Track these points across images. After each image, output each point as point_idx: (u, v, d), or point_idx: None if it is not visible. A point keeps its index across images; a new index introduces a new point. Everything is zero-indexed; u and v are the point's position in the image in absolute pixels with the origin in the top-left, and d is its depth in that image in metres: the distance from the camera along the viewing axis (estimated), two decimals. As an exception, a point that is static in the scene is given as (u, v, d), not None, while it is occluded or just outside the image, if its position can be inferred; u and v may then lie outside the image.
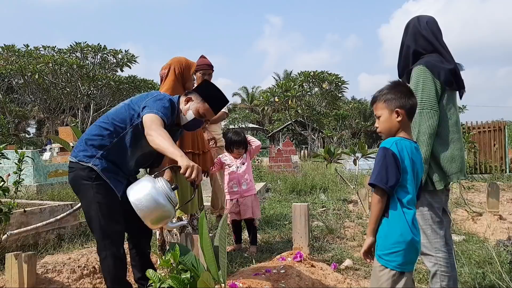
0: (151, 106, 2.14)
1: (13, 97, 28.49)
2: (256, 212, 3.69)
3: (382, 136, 1.81)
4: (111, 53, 24.79)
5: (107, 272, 2.14)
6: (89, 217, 2.16)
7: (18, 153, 2.90)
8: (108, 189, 2.15)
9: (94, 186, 2.12)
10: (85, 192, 2.15)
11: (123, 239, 2.23)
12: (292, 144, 12.94)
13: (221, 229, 1.82)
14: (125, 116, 2.21)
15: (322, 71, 24.81)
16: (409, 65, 2.18)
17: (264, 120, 43.80)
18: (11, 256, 2.34)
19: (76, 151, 2.20)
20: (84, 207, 2.20)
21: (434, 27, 2.18)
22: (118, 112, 2.24)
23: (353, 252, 3.58)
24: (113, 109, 2.30)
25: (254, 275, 2.59)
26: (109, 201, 2.14)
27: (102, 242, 2.13)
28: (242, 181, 3.70)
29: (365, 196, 5.52)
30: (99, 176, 2.13)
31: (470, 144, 10.15)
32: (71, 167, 2.19)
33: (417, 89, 2.04)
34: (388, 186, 1.63)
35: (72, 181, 2.20)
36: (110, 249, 2.12)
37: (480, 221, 4.46)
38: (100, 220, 2.11)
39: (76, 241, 3.91)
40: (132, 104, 2.25)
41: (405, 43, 2.21)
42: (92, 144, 2.17)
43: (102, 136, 2.17)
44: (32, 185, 7.25)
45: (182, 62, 3.15)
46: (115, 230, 2.17)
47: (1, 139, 18.21)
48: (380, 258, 1.69)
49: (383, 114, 1.77)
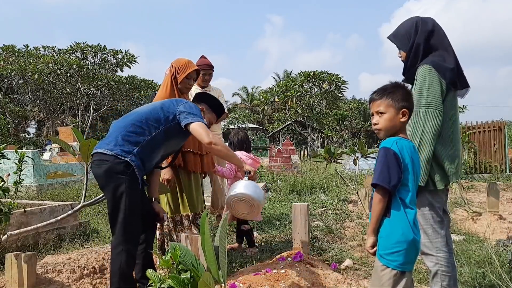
0: (193, 113, 2.38)
1: (13, 97, 28.48)
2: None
3: (380, 133, 1.79)
4: (111, 53, 24.79)
5: (117, 267, 2.17)
6: (116, 210, 2.20)
7: (18, 153, 2.90)
8: (137, 186, 2.25)
9: (127, 181, 2.19)
10: (117, 185, 2.20)
11: (139, 239, 2.32)
12: (292, 144, 12.95)
13: (221, 229, 1.83)
14: (160, 117, 2.36)
15: (322, 71, 24.81)
16: (417, 63, 2.16)
17: (264, 120, 43.78)
18: (11, 256, 2.34)
19: (111, 145, 2.24)
20: (111, 199, 2.22)
21: (439, 26, 2.19)
22: (153, 113, 2.38)
23: (353, 252, 3.58)
24: (145, 110, 2.42)
25: (254, 275, 2.59)
26: (136, 197, 2.24)
27: (122, 236, 2.19)
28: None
29: (365, 196, 5.52)
30: (134, 172, 2.21)
31: (470, 144, 10.16)
32: (104, 160, 2.22)
33: (422, 88, 2.03)
34: (391, 185, 1.64)
35: (104, 173, 2.22)
36: (127, 245, 2.18)
37: (480, 221, 4.46)
38: (126, 215, 2.19)
39: (76, 241, 3.91)
40: (164, 107, 2.42)
41: (416, 41, 2.15)
42: (128, 140, 2.26)
43: (137, 134, 2.29)
44: (32, 185, 7.25)
45: (179, 63, 3.13)
46: (136, 227, 2.26)
47: (1, 139, 18.24)
48: (382, 258, 1.69)
49: (388, 112, 1.76)
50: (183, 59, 3.14)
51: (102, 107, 25.70)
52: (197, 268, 1.75)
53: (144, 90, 25.65)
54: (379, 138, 1.86)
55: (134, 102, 26.56)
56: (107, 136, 2.35)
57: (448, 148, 2.08)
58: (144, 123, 2.32)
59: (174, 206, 3.14)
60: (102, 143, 2.30)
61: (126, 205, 2.18)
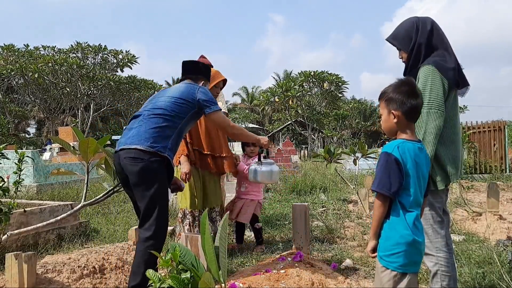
0: (212, 101, 2.55)
1: (13, 97, 28.46)
2: (242, 216, 3.65)
3: (386, 134, 1.82)
4: (112, 54, 24.80)
5: (144, 259, 2.19)
6: (152, 207, 2.24)
7: (18, 153, 2.90)
8: (168, 180, 2.38)
9: (162, 179, 2.30)
10: (161, 181, 2.28)
11: (166, 233, 2.39)
12: (292, 144, 12.93)
13: (222, 229, 1.82)
14: (183, 108, 2.46)
15: (323, 71, 24.81)
16: (419, 63, 2.15)
17: (264, 120, 43.76)
18: (11, 256, 2.34)
19: (149, 142, 2.27)
20: (147, 196, 2.24)
21: (438, 25, 2.18)
22: (178, 105, 2.45)
23: (353, 252, 3.58)
24: (167, 102, 2.45)
25: (254, 275, 2.59)
26: (167, 192, 2.36)
27: (160, 231, 2.25)
28: (242, 183, 3.78)
29: (365, 196, 5.52)
30: (168, 165, 2.32)
31: (470, 144, 10.16)
32: (141, 158, 2.23)
33: (425, 88, 2.02)
34: (392, 192, 1.64)
35: (140, 170, 2.23)
36: (157, 240, 2.24)
37: (480, 221, 4.46)
38: (166, 210, 2.31)
39: (76, 241, 3.91)
40: (184, 97, 2.50)
41: (417, 41, 2.14)
42: (160, 135, 2.32)
43: (168, 128, 2.37)
44: (32, 185, 7.25)
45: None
46: (166, 221, 2.35)
47: (1, 139, 18.23)
48: (382, 259, 1.70)
49: (383, 114, 1.79)
50: (212, 69, 3.39)
51: (102, 107, 25.70)
52: (197, 268, 1.74)
53: (144, 90, 25.66)
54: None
55: (134, 102, 26.58)
56: (133, 130, 2.35)
57: (449, 148, 2.07)
58: (170, 116, 2.40)
59: (191, 201, 3.32)
60: (134, 139, 2.29)
61: (167, 200, 2.29)
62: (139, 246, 2.26)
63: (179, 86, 2.61)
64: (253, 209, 3.70)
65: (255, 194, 3.75)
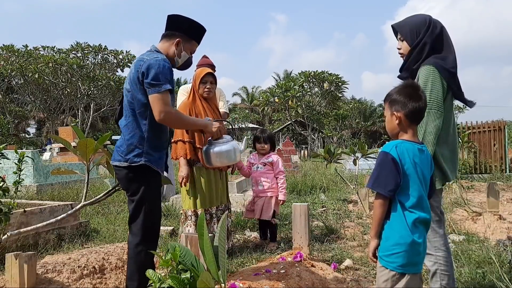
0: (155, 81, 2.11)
1: (13, 97, 28.47)
2: (265, 214, 3.77)
3: (389, 135, 1.83)
4: (112, 54, 24.80)
5: (137, 267, 2.18)
6: (146, 209, 2.21)
7: (18, 153, 2.90)
8: (157, 183, 2.29)
9: (152, 182, 2.24)
10: (146, 186, 2.22)
11: (158, 237, 2.37)
12: (292, 144, 12.94)
13: (220, 229, 1.82)
14: (140, 99, 2.18)
15: (323, 71, 24.82)
16: (419, 62, 2.14)
17: (264, 120, 43.73)
18: (11, 256, 2.34)
19: (123, 155, 2.21)
20: (140, 199, 2.22)
21: (446, 30, 2.18)
22: (131, 101, 2.22)
23: (353, 252, 3.58)
24: (126, 101, 2.26)
25: (254, 275, 2.59)
26: (156, 196, 2.30)
27: (147, 235, 2.22)
28: (259, 181, 3.87)
29: (365, 196, 5.52)
30: (150, 169, 2.22)
31: (470, 144, 10.16)
32: (119, 171, 2.25)
33: (425, 89, 2.02)
34: (387, 190, 1.64)
35: (123, 177, 2.25)
36: (147, 244, 2.21)
37: (480, 221, 4.46)
38: (156, 214, 2.27)
39: (76, 241, 3.91)
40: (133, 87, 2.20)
41: (424, 40, 2.13)
42: (131, 143, 2.21)
43: (137, 129, 2.21)
44: (32, 185, 7.25)
45: (195, 72, 3.46)
46: (156, 225, 2.31)
47: (1, 139, 18.22)
48: (381, 259, 1.71)
49: (387, 115, 1.81)
50: (199, 68, 3.38)
51: (102, 107, 25.70)
52: (197, 268, 1.74)
53: (144, 90, 25.60)
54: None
55: (134, 102, 26.52)
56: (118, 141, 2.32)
57: (446, 148, 2.08)
58: (133, 115, 2.21)
59: (198, 200, 3.33)
60: (114, 154, 2.29)
61: (147, 206, 2.22)
62: (130, 252, 2.25)
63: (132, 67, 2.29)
64: (273, 205, 3.80)
65: (273, 191, 3.84)
